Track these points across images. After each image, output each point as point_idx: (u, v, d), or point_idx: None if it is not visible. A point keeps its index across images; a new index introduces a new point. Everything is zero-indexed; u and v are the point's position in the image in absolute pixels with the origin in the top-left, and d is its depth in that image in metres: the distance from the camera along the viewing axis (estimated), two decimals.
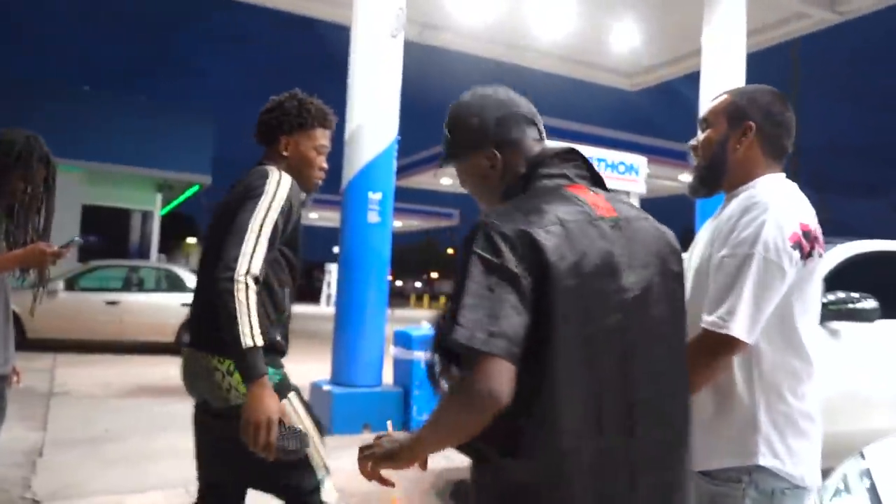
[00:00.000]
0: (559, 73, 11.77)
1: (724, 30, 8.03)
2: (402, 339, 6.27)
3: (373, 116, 6.13)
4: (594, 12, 9.46)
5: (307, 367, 9.78)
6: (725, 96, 1.74)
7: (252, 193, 2.00)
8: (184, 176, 15.19)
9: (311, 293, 43.26)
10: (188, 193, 17.22)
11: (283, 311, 2.11)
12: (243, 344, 1.79)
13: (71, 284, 10.57)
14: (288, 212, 2.02)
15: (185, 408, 6.83)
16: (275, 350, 2.06)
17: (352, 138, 6.16)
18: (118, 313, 10.57)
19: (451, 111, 1.45)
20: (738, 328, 1.49)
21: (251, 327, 1.80)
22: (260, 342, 1.81)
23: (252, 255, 1.88)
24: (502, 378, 1.09)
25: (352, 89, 6.24)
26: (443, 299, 40.13)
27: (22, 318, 9.65)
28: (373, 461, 1.27)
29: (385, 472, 1.30)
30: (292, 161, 2.18)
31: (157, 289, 11.41)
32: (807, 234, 1.54)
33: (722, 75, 7.81)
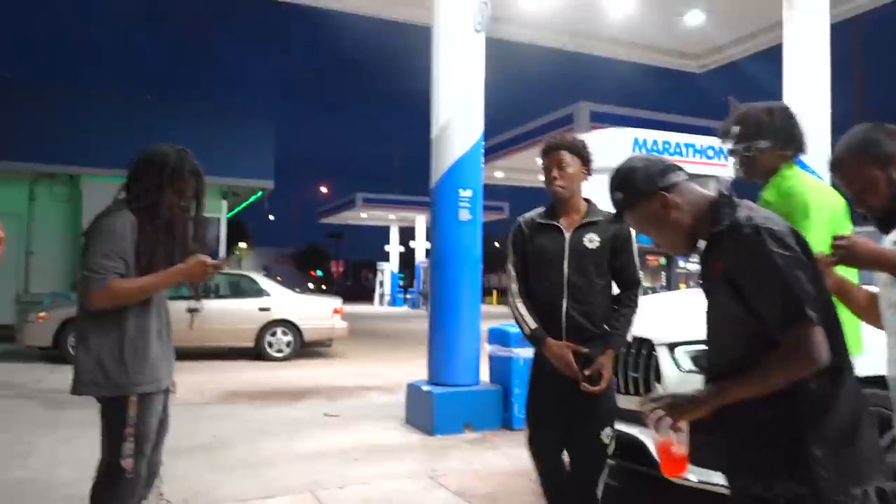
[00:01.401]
0: (625, 60, 11.54)
1: (806, 1, 7.70)
2: (499, 337, 6.21)
3: (460, 113, 6.08)
4: None
5: (386, 367, 9.79)
6: (849, 158, 1.83)
7: None
8: (249, 182, 15.41)
9: (360, 293, 42.84)
10: (252, 199, 17.46)
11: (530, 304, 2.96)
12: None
13: None
14: (513, 242, 3.01)
15: (280, 412, 6.85)
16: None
17: (439, 136, 6.12)
18: (199, 320, 10.74)
19: (617, 176, 1.78)
20: None
21: (525, 323, 2.93)
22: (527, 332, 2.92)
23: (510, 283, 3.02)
24: (826, 342, 1.50)
25: (436, 87, 6.19)
26: (495, 294, 39.19)
27: None
28: (675, 411, 1.60)
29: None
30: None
31: (235, 294, 11.61)
32: None
33: (805, 50, 7.48)
